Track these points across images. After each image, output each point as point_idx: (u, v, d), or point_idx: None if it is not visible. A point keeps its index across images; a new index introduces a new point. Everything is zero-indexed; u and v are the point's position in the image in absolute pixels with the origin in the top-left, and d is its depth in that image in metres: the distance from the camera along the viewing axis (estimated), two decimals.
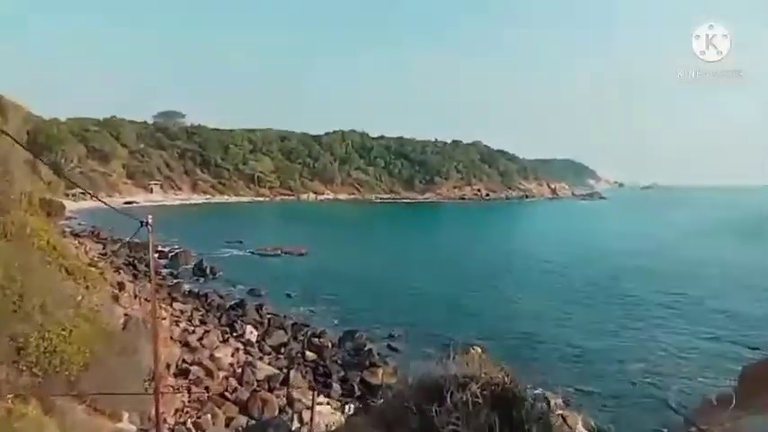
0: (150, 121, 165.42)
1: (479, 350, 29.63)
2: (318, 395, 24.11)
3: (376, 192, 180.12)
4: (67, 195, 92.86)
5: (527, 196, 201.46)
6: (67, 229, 56.39)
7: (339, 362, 28.92)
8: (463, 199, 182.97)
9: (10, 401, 10.67)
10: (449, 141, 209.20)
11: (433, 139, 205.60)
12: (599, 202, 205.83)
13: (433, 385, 5.59)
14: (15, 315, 11.65)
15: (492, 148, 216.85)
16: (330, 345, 31.22)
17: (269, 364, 26.56)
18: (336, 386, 25.23)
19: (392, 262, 59.98)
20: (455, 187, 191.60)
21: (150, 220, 11.60)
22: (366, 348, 30.40)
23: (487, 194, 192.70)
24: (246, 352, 27.66)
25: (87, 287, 21.40)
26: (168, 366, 21.25)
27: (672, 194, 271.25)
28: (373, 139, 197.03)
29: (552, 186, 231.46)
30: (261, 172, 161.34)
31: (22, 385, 11.45)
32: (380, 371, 27.11)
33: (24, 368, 11.65)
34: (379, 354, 30.14)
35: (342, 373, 27.10)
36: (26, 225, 20.84)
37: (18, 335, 11.53)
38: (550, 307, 39.24)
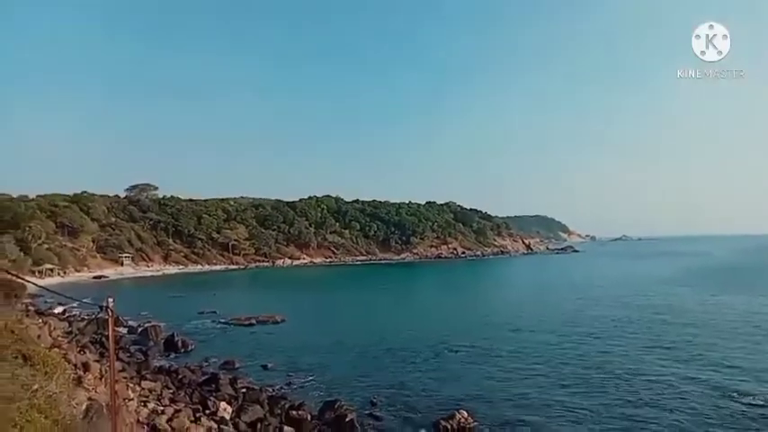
0: (122, 195, 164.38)
1: (465, 414, 28.72)
2: None
3: (353, 254, 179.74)
4: (33, 273, 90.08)
5: (502, 252, 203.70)
6: (32, 308, 54.09)
7: None
8: (440, 257, 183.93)
9: None
10: (422, 203, 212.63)
11: (407, 201, 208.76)
12: (573, 255, 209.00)
13: None
14: None
15: (465, 207, 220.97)
16: (309, 417, 29.73)
17: None
18: None
19: (371, 324, 58.73)
20: (431, 246, 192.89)
21: (111, 304, 11.05)
22: (347, 419, 29.06)
23: (463, 252, 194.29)
24: (220, 430, 26.08)
25: (46, 373, 20.12)
26: None
27: (641, 246, 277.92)
28: (348, 203, 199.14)
29: (526, 242, 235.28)
30: (235, 240, 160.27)
31: None
32: None
33: None
34: (360, 424, 28.88)
35: None
36: None
37: None
38: (540, 364, 38.47)
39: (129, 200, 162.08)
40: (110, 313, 11.32)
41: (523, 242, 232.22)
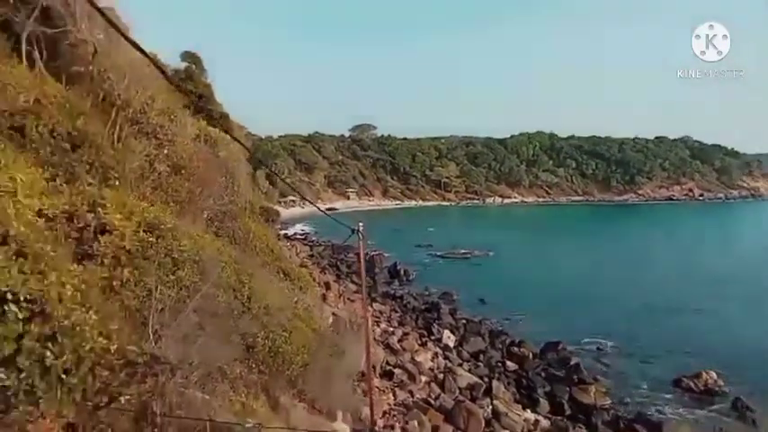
0: (347, 135, 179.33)
1: (714, 375, 25.12)
2: (525, 409, 22.64)
3: (567, 194, 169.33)
4: (280, 203, 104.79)
5: (753, 195, 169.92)
6: (281, 233, 63.02)
7: (543, 375, 27.05)
8: (671, 199, 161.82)
9: (243, 396, 11.37)
10: (651, 138, 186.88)
11: (631, 137, 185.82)
12: None
13: None
14: (245, 316, 12.47)
15: (704, 142, 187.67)
16: (531, 355, 29.41)
17: (469, 371, 25.84)
18: (543, 401, 23.46)
19: (589, 268, 55.08)
20: (660, 187, 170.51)
21: (361, 228, 11.56)
22: (572, 363, 27.90)
23: (701, 194, 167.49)
24: (445, 357, 27.34)
25: (300, 288, 23.01)
26: (374, 368, 21.65)
27: None
28: (562, 139, 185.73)
29: None
30: (447, 177, 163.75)
31: (252, 382, 12.19)
32: (592, 389, 24.67)
33: (253, 366, 12.41)
34: (587, 369, 27.47)
35: (547, 388, 25.24)
36: (250, 230, 23.09)
37: (248, 335, 12.32)
38: None
39: (352, 139, 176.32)
40: (360, 237, 11.92)
41: None
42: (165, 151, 16.06)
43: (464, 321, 34.95)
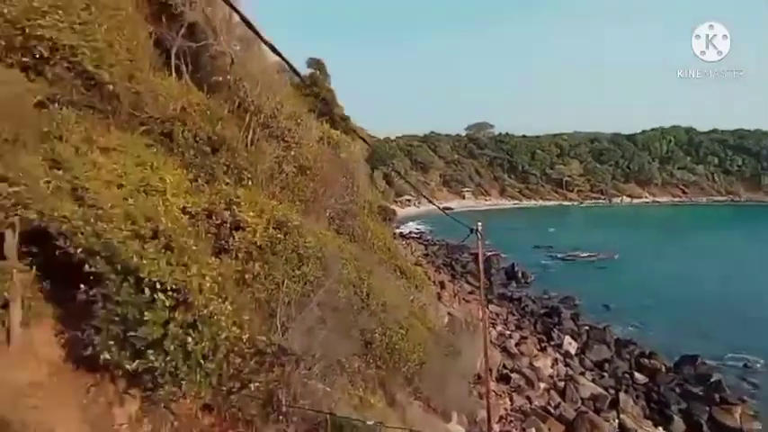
0: (462, 134, 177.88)
1: None
2: (656, 426, 20.86)
3: (707, 193, 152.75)
4: (395, 202, 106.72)
5: None
6: (396, 231, 64.07)
7: (677, 390, 24.72)
8: None
9: (361, 390, 11.65)
10: None
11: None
12: None
13: None
14: (363, 311, 12.77)
15: None
16: (664, 368, 27.02)
17: (592, 381, 24.39)
18: (678, 420, 21.44)
19: (733, 275, 49.14)
20: None
21: (480, 227, 11.30)
22: (713, 379, 25.14)
23: None
24: (566, 364, 26.04)
25: (416, 286, 23.18)
26: (490, 371, 21.20)
27: None
28: (702, 133, 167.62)
29: None
30: (569, 176, 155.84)
31: (370, 377, 12.45)
32: (737, 411, 22.12)
33: (371, 361, 12.68)
34: (731, 388, 24.62)
35: (682, 405, 23.04)
36: (368, 229, 23.69)
37: (366, 330, 12.61)
38: None
39: (468, 138, 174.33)
40: (479, 236, 11.65)
41: None
42: (292, 153, 16.98)
43: (587, 328, 32.97)
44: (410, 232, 77.36)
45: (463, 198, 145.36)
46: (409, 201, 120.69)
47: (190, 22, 14.81)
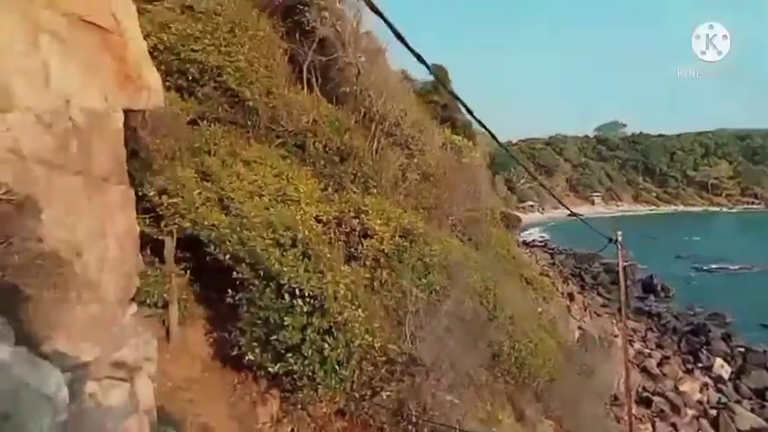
0: (591, 135, 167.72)
1: None
2: None
3: None
4: (518, 208, 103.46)
5: None
6: (519, 239, 61.95)
7: None
8: None
9: (489, 405, 11.26)
10: None
11: None
12: None
13: None
14: (491, 323, 12.36)
15: None
16: None
17: (751, 410, 21.42)
18: None
19: None
20: None
21: (620, 237, 10.44)
22: None
23: None
24: (718, 390, 23.22)
25: (543, 297, 22.10)
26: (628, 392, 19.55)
27: None
28: None
29: None
30: (716, 178, 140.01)
31: (498, 391, 12.00)
32: None
33: (499, 375, 12.23)
34: None
35: None
36: (491, 236, 23.10)
37: (494, 342, 12.18)
38: None
39: (597, 139, 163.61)
40: (619, 246, 10.75)
41: None
42: (416, 160, 17.06)
43: (742, 350, 29.11)
44: (534, 240, 74.27)
45: (593, 204, 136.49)
46: (532, 207, 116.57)
47: (321, 36, 15.51)
